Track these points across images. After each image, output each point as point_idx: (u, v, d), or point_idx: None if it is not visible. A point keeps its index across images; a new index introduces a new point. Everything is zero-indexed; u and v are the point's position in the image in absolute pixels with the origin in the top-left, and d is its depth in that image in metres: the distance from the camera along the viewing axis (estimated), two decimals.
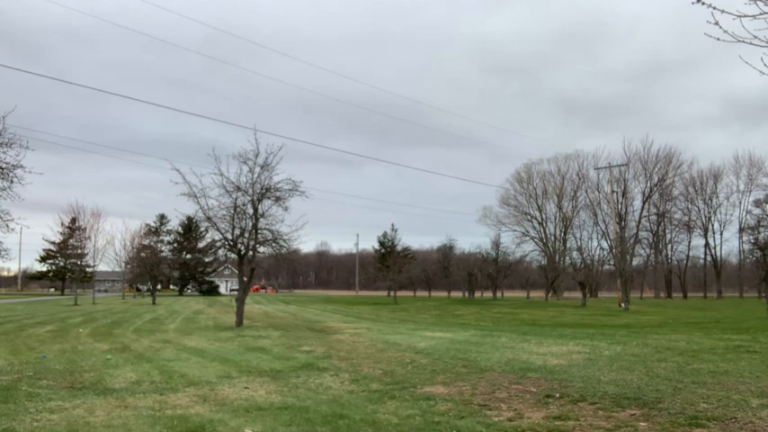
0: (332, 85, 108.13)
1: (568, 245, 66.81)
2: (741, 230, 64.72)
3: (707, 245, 70.41)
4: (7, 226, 15.91)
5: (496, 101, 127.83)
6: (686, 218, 68.89)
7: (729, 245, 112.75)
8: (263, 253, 19.92)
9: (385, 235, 75.47)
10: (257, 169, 18.01)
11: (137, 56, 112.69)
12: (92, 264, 47.40)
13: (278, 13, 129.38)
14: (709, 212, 69.24)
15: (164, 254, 59.89)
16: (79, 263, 46.03)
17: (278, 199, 18.36)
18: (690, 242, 71.02)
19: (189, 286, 75.59)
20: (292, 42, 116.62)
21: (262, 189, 18.17)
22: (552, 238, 69.35)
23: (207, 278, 74.96)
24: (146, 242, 53.63)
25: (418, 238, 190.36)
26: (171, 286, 78.52)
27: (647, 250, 67.71)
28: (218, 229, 18.53)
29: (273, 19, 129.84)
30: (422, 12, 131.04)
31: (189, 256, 69.75)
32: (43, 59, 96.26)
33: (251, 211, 18.27)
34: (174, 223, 68.85)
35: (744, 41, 4.27)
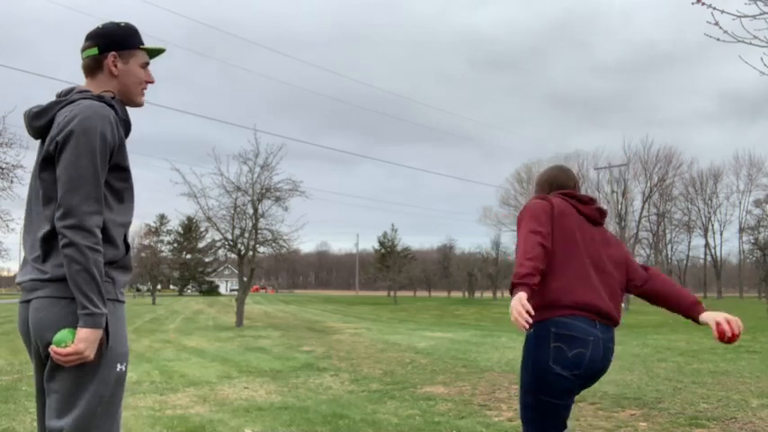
0: (320, 80, 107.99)
1: None
2: (741, 230, 64.69)
3: (707, 245, 70.40)
4: (7, 226, 15.96)
5: (488, 97, 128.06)
6: (686, 218, 68.89)
7: (729, 245, 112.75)
8: (263, 253, 19.95)
9: (385, 235, 75.33)
10: (257, 169, 18.03)
11: None
12: None
13: (263, 7, 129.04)
14: (709, 212, 69.23)
15: (164, 254, 59.82)
16: None
17: (278, 199, 18.38)
18: (690, 242, 70.98)
19: (189, 286, 75.50)
20: (278, 37, 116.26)
21: (262, 189, 18.18)
22: None
23: (207, 278, 74.89)
24: (145, 242, 53.61)
25: (418, 238, 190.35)
26: (171, 286, 78.46)
27: (647, 250, 67.60)
28: (218, 229, 18.56)
29: (259, 13, 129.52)
30: (410, 4, 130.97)
31: (189, 256, 69.70)
32: (20, 54, 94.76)
33: (251, 211, 18.29)
34: (174, 223, 68.85)
35: (744, 41, 4.27)
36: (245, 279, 18.86)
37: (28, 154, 14.15)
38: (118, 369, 1.98)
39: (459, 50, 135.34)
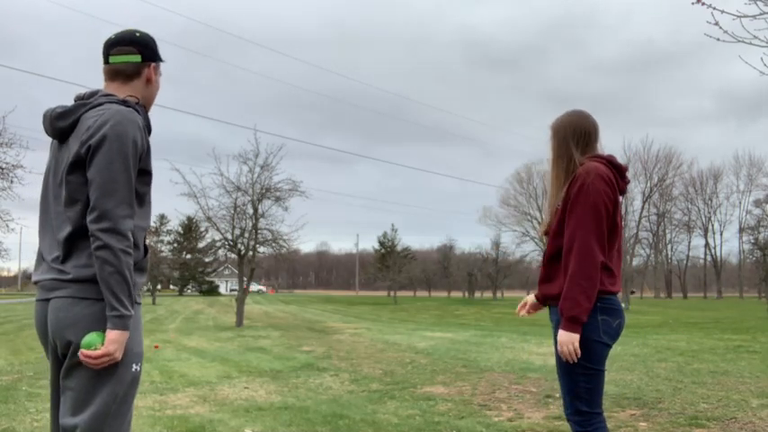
0: (319, 80, 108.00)
1: None
2: (741, 230, 64.73)
3: (707, 245, 70.50)
4: (7, 226, 15.97)
5: (488, 96, 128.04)
6: (686, 218, 68.92)
7: (729, 245, 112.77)
8: (263, 253, 19.96)
9: (385, 235, 75.38)
10: (257, 169, 18.03)
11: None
12: None
13: (263, 7, 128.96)
14: (709, 212, 69.35)
15: (164, 254, 59.73)
16: None
17: (278, 199, 18.39)
18: (690, 242, 71.12)
19: (189, 286, 75.46)
20: (277, 37, 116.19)
21: (262, 189, 18.19)
22: None
23: (207, 278, 74.85)
24: (146, 242, 53.43)
25: (418, 238, 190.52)
26: (171, 286, 78.42)
27: (647, 250, 67.63)
28: (218, 229, 18.57)
29: (258, 12, 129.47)
30: (408, 2, 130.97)
31: (189, 256, 69.64)
32: (16, 53, 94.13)
33: (251, 211, 18.30)
34: (174, 223, 68.70)
35: (744, 41, 4.27)
36: (245, 279, 18.87)
37: (28, 154, 14.16)
38: (133, 369, 2.00)
39: (457, 49, 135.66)
